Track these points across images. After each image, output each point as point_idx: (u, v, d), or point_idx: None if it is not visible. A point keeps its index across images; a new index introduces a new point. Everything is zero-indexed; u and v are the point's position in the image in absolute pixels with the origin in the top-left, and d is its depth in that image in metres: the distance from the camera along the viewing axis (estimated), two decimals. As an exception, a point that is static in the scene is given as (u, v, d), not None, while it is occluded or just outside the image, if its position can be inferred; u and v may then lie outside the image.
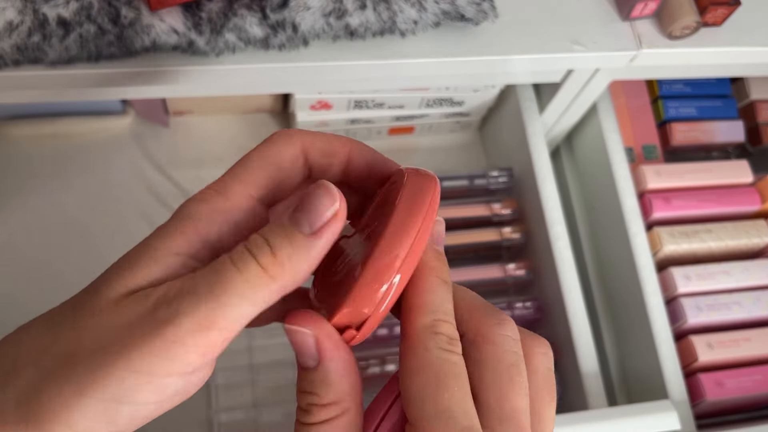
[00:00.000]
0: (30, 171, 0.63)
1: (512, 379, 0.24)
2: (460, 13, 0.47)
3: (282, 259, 0.22)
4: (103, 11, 0.42)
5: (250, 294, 0.21)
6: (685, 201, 0.63)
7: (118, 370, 0.20)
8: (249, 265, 0.22)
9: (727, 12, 0.52)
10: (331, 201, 0.23)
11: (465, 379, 0.23)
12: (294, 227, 0.23)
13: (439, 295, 0.25)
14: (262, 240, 0.22)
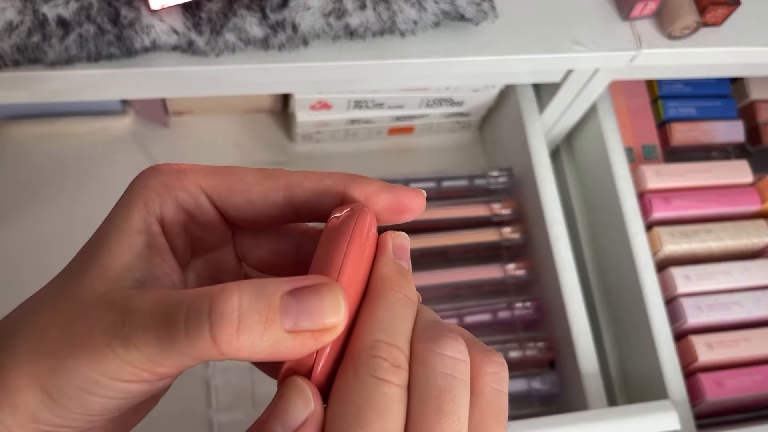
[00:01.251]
0: (30, 171, 0.63)
1: (440, 408, 0.20)
2: (460, 13, 0.47)
3: (242, 343, 0.19)
4: (102, 11, 0.42)
5: (193, 354, 0.19)
6: (685, 201, 0.63)
7: (72, 360, 0.21)
8: (200, 332, 0.19)
9: (727, 12, 0.52)
10: (331, 311, 0.20)
11: (395, 416, 0.20)
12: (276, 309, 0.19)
13: (391, 312, 0.21)
14: (235, 314, 0.19)
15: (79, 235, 0.67)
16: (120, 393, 0.21)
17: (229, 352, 0.19)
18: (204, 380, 0.59)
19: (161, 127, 0.66)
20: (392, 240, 0.24)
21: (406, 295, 0.22)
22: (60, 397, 0.21)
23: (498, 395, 0.22)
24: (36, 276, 0.62)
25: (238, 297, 0.19)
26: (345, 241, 0.22)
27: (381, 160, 0.70)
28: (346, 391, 0.20)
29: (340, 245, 0.22)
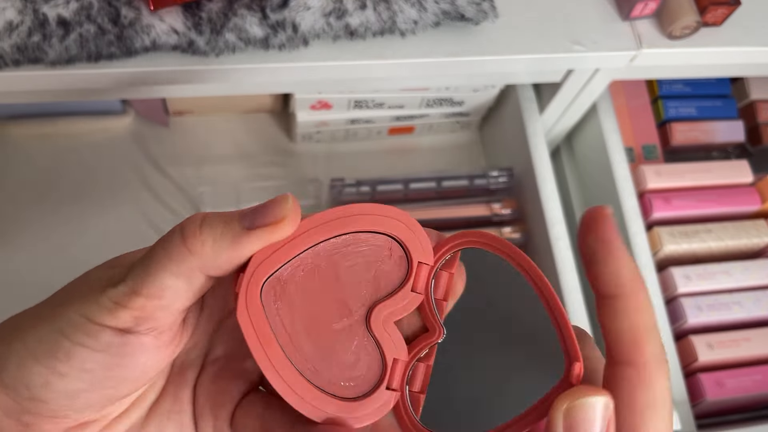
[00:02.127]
0: (30, 171, 0.63)
1: None
2: (460, 13, 0.47)
3: (205, 237, 0.23)
4: (103, 11, 0.42)
5: (168, 265, 0.23)
6: (685, 201, 0.63)
7: (62, 308, 0.24)
8: (172, 237, 0.23)
9: (727, 12, 0.52)
10: (279, 211, 0.23)
11: None
12: (235, 217, 0.24)
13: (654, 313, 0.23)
14: (199, 217, 0.23)
15: (78, 234, 0.67)
16: (93, 341, 0.23)
17: (196, 249, 0.23)
18: None
19: (161, 127, 0.66)
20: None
21: None
22: (35, 344, 0.23)
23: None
24: (36, 275, 0.62)
25: (203, 213, 0.24)
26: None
27: (381, 160, 0.70)
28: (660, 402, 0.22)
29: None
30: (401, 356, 0.26)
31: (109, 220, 0.62)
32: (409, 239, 0.27)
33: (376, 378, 0.26)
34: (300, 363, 0.25)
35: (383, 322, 0.26)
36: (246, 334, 0.24)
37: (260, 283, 0.25)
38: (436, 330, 0.26)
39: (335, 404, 0.25)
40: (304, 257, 0.26)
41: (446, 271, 0.27)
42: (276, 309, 0.25)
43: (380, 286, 0.26)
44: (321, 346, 0.25)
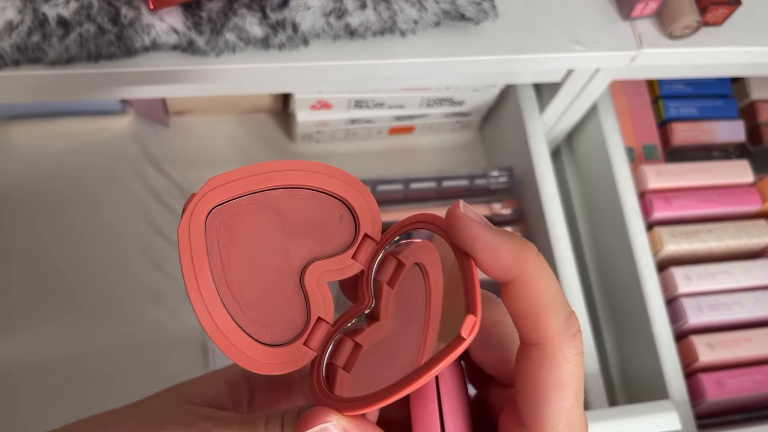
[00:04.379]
0: (30, 171, 0.63)
1: None
2: (461, 12, 0.47)
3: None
4: (103, 11, 0.42)
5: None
6: (686, 201, 0.63)
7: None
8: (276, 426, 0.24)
9: (727, 12, 0.52)
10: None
11: None
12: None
13: (552, 287, 0.22)
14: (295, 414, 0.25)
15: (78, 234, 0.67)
16: None
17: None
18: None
19: (161, 127, 0.66)
20: None
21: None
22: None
23: None
24: (35, 275, 0.62)
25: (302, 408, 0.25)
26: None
27: (381, 160, 0.69)
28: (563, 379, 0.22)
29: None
30: (326, 317, 0.26)
31: (109, 220, 0.62)
32: (362, 210, 0.27)
33: (296, 332, 0.26)
34: (226, 295, 0.25)
35: (317, 279, 0.26)
36: (181, 248, 0.24)
37: (209, 207, 0.25)
38: (364, 299, 0.26)
39: (249, 343, 0.25)
40: (257, 197, 0.26)
41: (395, 257, 0.27)
42: (217, 236, 0.25)
43: (323, 246, 0.27)
44: (250, 285, 0.25)
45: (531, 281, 0.22)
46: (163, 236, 0.63)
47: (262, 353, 0.25)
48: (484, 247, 0.22)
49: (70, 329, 0.58)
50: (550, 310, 0.22)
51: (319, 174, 0.26)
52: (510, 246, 0.22)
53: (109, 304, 0.60)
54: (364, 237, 0.27)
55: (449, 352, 0.22)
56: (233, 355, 0.24)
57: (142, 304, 0.60)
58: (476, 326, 0.22)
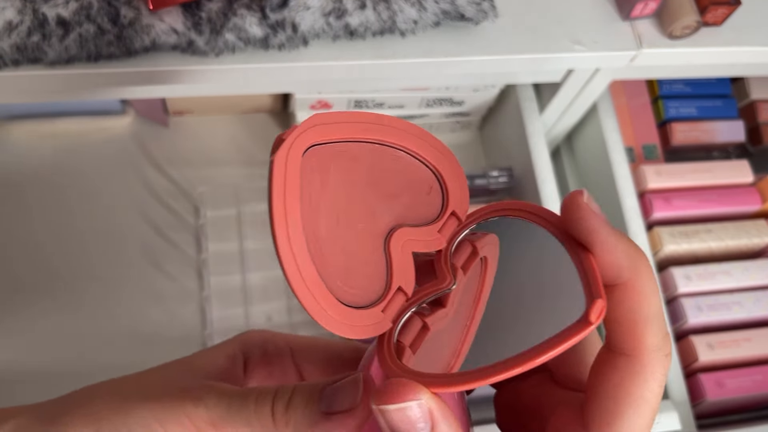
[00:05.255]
0: (30, 171, 0.63)
1: None
2: (460, 12, 0.47)
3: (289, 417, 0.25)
4: (102, 11, 0.42)
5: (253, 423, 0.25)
6: (686, 201, 0.63)
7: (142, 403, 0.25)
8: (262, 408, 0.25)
9: (727, 12, 0.52)
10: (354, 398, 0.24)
11: None
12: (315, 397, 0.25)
13: (657, 301, 0.21)
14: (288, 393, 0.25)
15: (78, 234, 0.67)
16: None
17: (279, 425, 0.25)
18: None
19: (161, 127, 0.66)
20: None
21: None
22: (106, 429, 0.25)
23: None
24: (35, 275, 0.62)
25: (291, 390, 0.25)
26: None
27: (381, 160, 0.69)
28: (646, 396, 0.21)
29: None
30: (406, 287, 0.25)
31: (109, 220, 0.62)
32: (452, 186, 0.26)
33: (375, 297, 0.24)
34: (311, 242, 0.23)
35: (403, 246, 0.25)
36: (275, 180, 0.22)
37: (308, 144, 0.23)
38: (446, 278, 0.25)
39: (328, 300, 0.23)
40: (354, 146, 0.24)
41: (471, 243, 0.25)
42: (311, 176, 0.23)
43: (409, 212, 0.25)
44: (336, 238, 0.24)
45: (639, 289, 0.21)
46: (163, 236, 0.63)
47: (341, 313, 0.23)
48: (602, 244, 0.21)
49: (68, 329, 0.58)
50: (650, 324, 0.21)
51: (416, 137, 0.25)
52: (627, 249, 0.21)
53: (108, 303, 0.60)
54: (451, 214, 0.25)
55: (573, 334, 0.20)
56: (313, 309, 0.22)
57: (142, 304, 0.60)
58: (603, 311, 0.20)
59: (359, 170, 0.24)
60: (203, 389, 0.26)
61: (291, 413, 0.25)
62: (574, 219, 0.22)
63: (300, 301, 0.22)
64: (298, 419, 0.24)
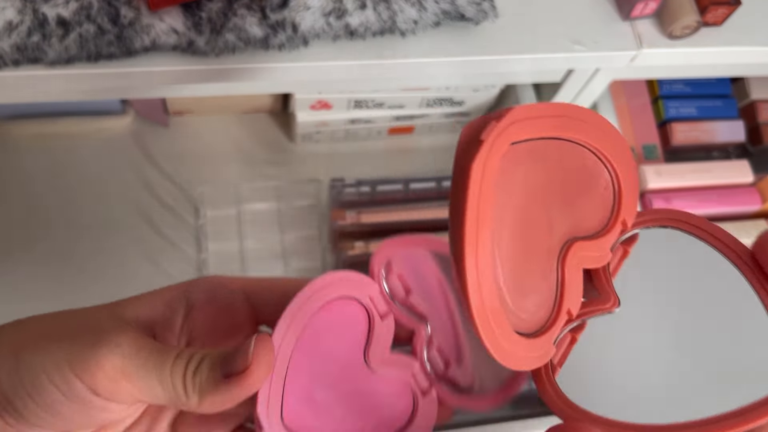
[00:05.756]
0: (30, 171, 0.63)
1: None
2: (460, 12, 0.47)
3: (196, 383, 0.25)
4: (102, 11, 0.42)
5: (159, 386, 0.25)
6: (686, 201, 0.63)
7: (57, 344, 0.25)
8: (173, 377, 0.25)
9: (727, 12, 0.52)
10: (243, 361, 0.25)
11: None
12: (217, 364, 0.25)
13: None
14: (196, 360, 0.25)
15: (78, 234, 0.67)
16: (68, 389, 0.24)
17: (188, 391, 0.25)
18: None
19: (161, 127, 0.66)
20: None
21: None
22: (23, 369, 0.25)
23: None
24: (35, 276, 0.62)
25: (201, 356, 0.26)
26: None
27: (381, 160, 0.69)
28: None
29: None
30: (573, 310, 0.22)
31: (109, 220, 0.62)
32: (626, 189, 0.23)
33: (542, 322, 0.22)
34: (495, 263, 0.20)
35: (576, 264, 0.22)
36: (470, 194, 0.19)
37: (507, 144, 0.20)
38: (610, 298, 0.23)
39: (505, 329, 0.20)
40: (546, 144, 0.21)
41: (622, 246, 0.24)
42: (503, 186, 0.20)
43: (584, 221, 0.23)
44: (514, 255, 0.21)
45: None
46: (163, 236, 0.63)
47: (512, 343, 0.21)
48: None
49: (70, 329, 0.58)
50: None
51: (598, 130, 0.22)
52: None
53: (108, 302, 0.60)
54: (621, 222, 0.23)
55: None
56: (491, 341, 0.20)
57: (142, 304, 0.60)
58: None
59: (544, 172, 0.22)
60: (123, 337, 0.26)
61: (197, 378, 0.25)
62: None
63: (481, 335, 0.20)
64: (202, 384, 0.25)
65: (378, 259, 0.26)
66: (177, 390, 0.25)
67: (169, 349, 0.26)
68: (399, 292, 0.26)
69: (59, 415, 0.25)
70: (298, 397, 0.24)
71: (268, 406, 0.24)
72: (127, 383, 0.25)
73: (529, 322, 0.21)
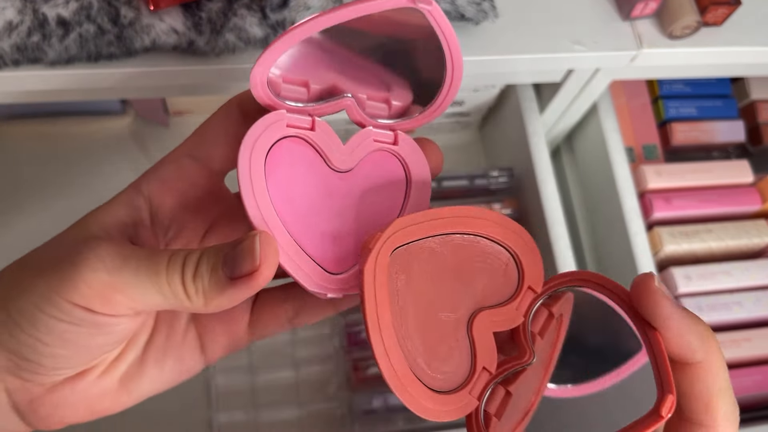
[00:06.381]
0: (30, 171, 0.63)
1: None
2: (460, 12, 0.47)
3: (197, 287, 0.24)
4: (102, 11, 0.42)
5: (155, 289, 0.24)
6: (686, 201, 0.63)
7: (39, 279, 0.24)
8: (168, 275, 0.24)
9: (727, 12, 0.52)
10: (252, 262, 0.24)
11: None
12: (219, 264, 0.24)
13: (727, 374, 0.24)
14: (193, 262, 0.24)
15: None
16: (66, 316, 0.24)
17: (191, 292, 0.24)
18: (204, 380, 0.59)
19: (161, 127, 0.66)
20: None
21: None
22: (17, 315, 0.24)
23: None
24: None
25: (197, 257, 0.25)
26: None
27: (381, 160, 0.69)
28: None
29: None
30: (490, 367, 0.26)
31: (109, 220, 0.62)
32: (527, 262, 0.28)
33: (461, 380, 0.26)
34: (402, 339, 0.25)
35: (485, 328, 0.26)
36: (366, 289, 0.24)
37: (392, 249, 0.25)
38: (525, 353, 0.27)
39: (421, 390, 0.25)
40: (433, 241, 0.26)
41: (547, 309, 0.28)
42: (396, 278, 0.25)
43: (487, 294, 0.27)
44: (423, 330, 0.26)
45: (713, 368, 0.23)
46: (163, 236, 0.63)
47: (432, 400, 0.25)
48: (676, 328, 0.23)
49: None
50: (723, 396, 0.23)
51: (489, 221, 0.27)
52: (698, 330, 0.23)
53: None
54: (527, 288, 0.27)
55: (645, 427, 0.22)
56: (407, 400, 0.24)
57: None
58: (674, 406, 0.22)
59: (440, 262, 0.26)
60: (104, 251, 0.25)
61: (198, 281, 0.24)
62: (646, 303, 0.23)
63: (397, 395, 0.24)
64: (206, 287, 0.24)
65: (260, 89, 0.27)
66: (179, 296, 0.24)
67: (159, 254, 0.25)
68: (299, 93, 0.28)
69: (72, 345, 0.24)
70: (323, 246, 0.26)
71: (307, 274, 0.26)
72: (121, 296, 0.24)
73: (449, 381, 0.26)
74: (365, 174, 0.29)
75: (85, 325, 0.24)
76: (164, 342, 0.28)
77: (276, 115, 0.28)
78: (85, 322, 0.24)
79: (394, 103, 0.30)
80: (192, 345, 0.29)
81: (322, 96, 0.29)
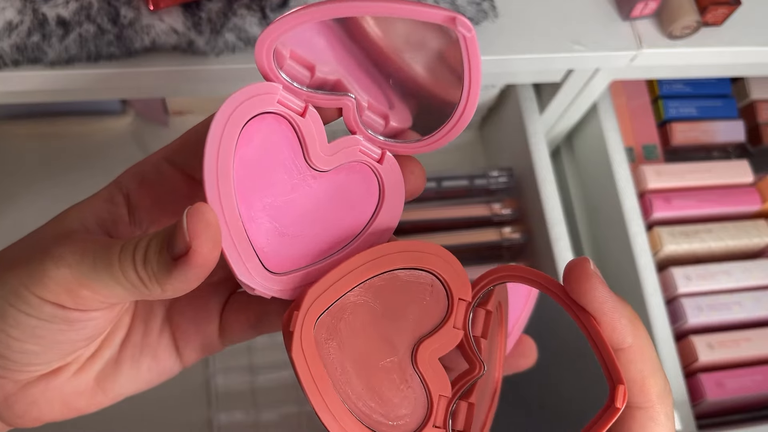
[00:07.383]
0: (30, 171, 0.63)
1: None
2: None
3: (149, 273, 0.23)
4: (102, 11, 0.42)
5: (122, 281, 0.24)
6: (686, 201, 0.63)
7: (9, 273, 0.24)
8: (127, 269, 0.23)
9: (727, 12, 0.52)
10: (182, 242, 0.23)
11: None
12: (164, 248, 0.23)
13: (655, 353, 0.24)
14: (143, 248, 0.24)
15: (79, 235, 0.66)
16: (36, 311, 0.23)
17: (145, 279, 0.23)
18: (204, 380, 0.59)
19: (161, 127, 0.66)
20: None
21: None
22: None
23: None
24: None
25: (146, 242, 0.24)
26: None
27: (381, 160, 0.69)
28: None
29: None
30: (446, 393, 0.26)
31: (109, 220, 0.62)
32: (449, 275, 0.27)
33: (422, 415, 0.26)
34: (351, 402, 0.25)
35: (429, 359, 0.26)
36: (301, 373, 0.24)
37: (314, 321, 0.24)
38: (476, 366, 0.27)
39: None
40: (351, 295, 0.26)
41: (483, 308, 0.27)
42: (328, 347, 0.25)
43: (423, 322, 0.26)
44: (370, 385, 0.25)
45: (644, 350, 0.23)
46: (163, 236, 0.63)
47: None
48: (610, 312, 0.23)
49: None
50: (655, 376, 0.23)
51: (397, 254, 0.26)
52: (628, 315, 0.24)
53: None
54: (458, 301, 0.27)
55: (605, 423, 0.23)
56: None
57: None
58: (626, 395, 0.23)
59: (366, 311, 0.26)
60: (65, 248, 0.24)
61: (149, 267, 0.23)
62: (584, 289, 0.24)
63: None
64: (155, 272, 0.23)
65: (264, 55, 0.25)
66: (136, 284, 0.23)
67: (112, 243, 0.24)
68: (302, 74, 0.26)
69: (43, 340, 0.24)
70: (267, 239, 0.25)
71: (243, 262, 0.25)
72: (87, 291, 0.23)
73: (411, 422, 0.25)
74: (339, 181, 0.27)
75: (57, 321, 0.24)
76: (140, 341, 0.28)
77: (269, 86, 0.26)
78: (57, 318, 0.24)
79: (392, 123, 0.28)
80: (167, 345, 0.29)
81: (323, 87, 0.27)
